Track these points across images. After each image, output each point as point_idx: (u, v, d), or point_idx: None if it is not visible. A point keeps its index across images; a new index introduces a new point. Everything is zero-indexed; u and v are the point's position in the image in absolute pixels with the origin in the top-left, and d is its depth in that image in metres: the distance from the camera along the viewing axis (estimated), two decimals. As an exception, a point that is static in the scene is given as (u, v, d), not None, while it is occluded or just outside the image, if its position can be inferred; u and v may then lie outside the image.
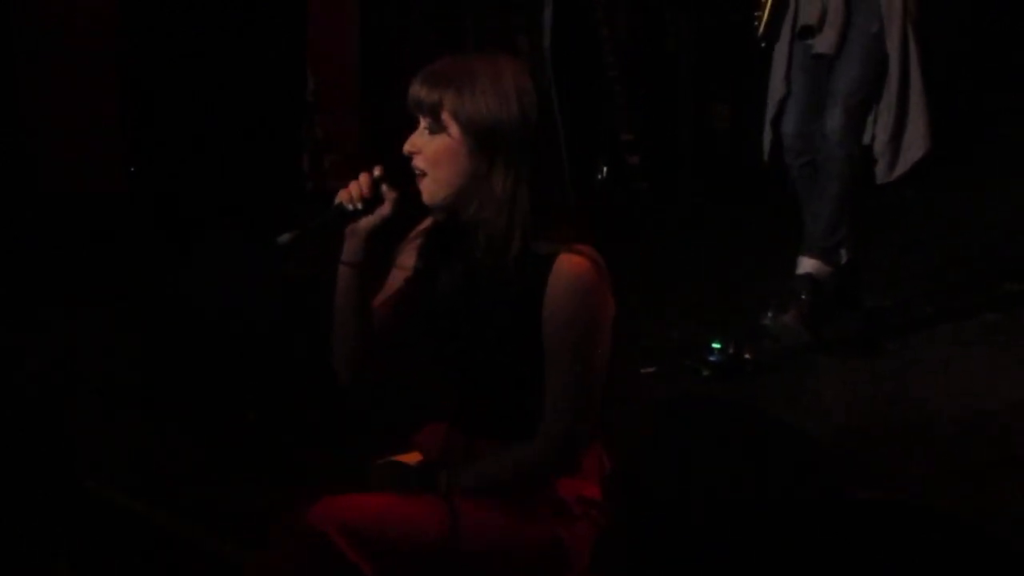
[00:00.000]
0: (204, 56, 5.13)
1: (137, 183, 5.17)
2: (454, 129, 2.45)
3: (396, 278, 2.62)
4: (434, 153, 2.46)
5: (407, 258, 2.62)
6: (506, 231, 2.45)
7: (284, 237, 2.45)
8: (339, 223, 2.50)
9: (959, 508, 3.28)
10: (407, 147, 2.49)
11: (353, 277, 2.53)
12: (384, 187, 2.48)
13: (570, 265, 2.43)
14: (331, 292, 2.61)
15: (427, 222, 2.61)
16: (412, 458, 2.64)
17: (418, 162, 2.47)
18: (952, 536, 2.99)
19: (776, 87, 4.51)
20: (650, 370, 4.24)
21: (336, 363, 2.61)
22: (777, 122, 4.54)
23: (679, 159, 5.99)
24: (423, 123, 2.48)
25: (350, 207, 2.48)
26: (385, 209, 2.49)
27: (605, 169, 5.18)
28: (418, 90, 2.46)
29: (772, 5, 4.41)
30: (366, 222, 2.50)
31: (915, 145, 4.33)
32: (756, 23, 4.48)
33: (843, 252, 4.63)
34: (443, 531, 2.41)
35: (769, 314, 4.58)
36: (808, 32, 4.37)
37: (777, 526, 3.10)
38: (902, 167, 4.34)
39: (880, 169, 4.35)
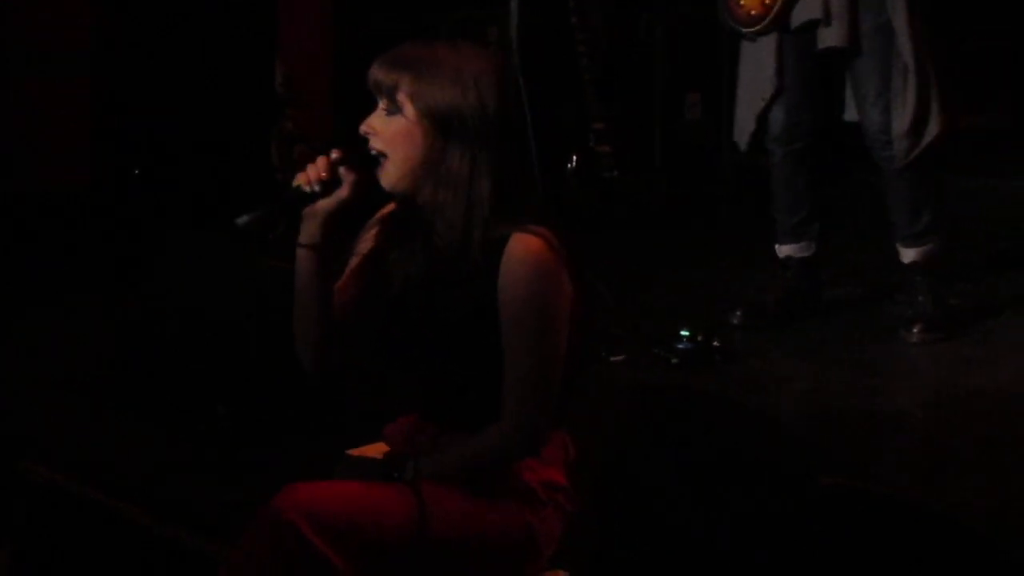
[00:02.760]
0: (172, 47, 5.14)
1: (104, 176, 5.18)
2: (410, 110, 2.46)
3: (356, 264, 2.62)
4: (391, 134, 2.47)
5: (367, 244, 2.62)
6: (464, 215, 2.46)
7: (242, 219, 2.45)
8: (297, 205, 2.50)
9: (925, 495, 3.32)
10: (363, 127, 2.50)
11: (311, 259, 2.53)
12: (342, 170, 2.48)
13: (523, 244, 2.43)
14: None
15: (387, 208, 2.61)
16: (379, 450, 2.66)
17: (374, 143, 2.48)
18: (917, 522, 3.02)
19: (765, 80, 4.46)
20: (620, 358, 4.25)
21: (299, 349, 2.60)
22: (764, 116, 4.52)
23: (651, 148, 6.01)
24: (381, 105, 2.49)
25: (307, 189, 2.48)
26: (343, 192, 2.49)
27: (575, 158, 5.18)
28: (377, 71, 2.48)
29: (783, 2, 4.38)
30: (324, 204, 2.49)
31: (931, 126, 4.33)
32: (750, 13, 4.42)
33: (810, 245, 4.67)
34: (411, 518, 2.41)
35: (738, 313, 4.59)
36: (811, 26, 4.35)
37: (745, 512, 3.13)
38: (919, 149, 4.34)
39: (899, 152, 4.35)
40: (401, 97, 2.45)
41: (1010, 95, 7.11)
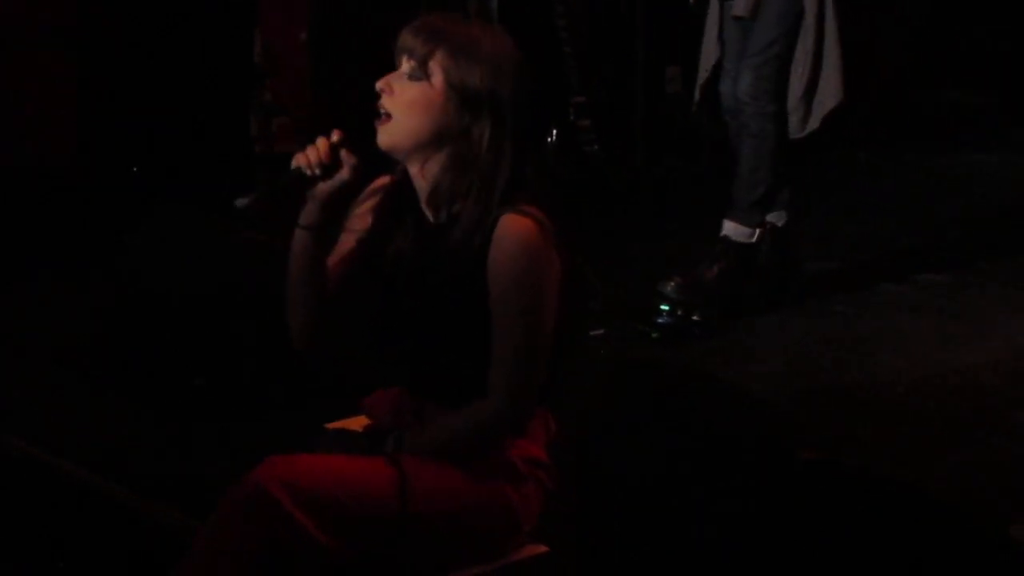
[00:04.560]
0: (152, 19, 5.16)
1: (89, 157, 5.20)
2: (439, 81, 2.46)
3: (348, 239, 2.62)
4: (411, 98, 2.46)
5: (358, 219, 2.62)
6: (479, 196, 2.46)
7: (242, 201, 2.45)
8: (297, 187, 2.50)
9: (903, 470, 3.34)
10: (380, 83, 2.48)
11: (308, 240, 2.53)
12: (343, 152, 2.48)
13: (514, 224, 2.45)
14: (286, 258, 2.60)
15: (378, 181, 2.61)
16: (360, 423, 2.67)
17: (387, 103, 2.48)
18: (895, 497, 3.06)
19: (709, 51, 4.54)
20: (599, 333, 4.25)
21: (292, 328, 2.61)
22: (709, 85, 4.56)
23: (632, 122, 6.02)
24: (405, 66, 2.48)
25: (308, 172, 2.47)
26: (344, 174, 2.48)
27: (555, 132, 5.18)
28: (411, 38, 2.47)
29: None
30: (324, 187, 2.49)
31: (828, 98, 4.35)
32: None
33: (782, 214, 4.64)
34: (393, 492, 2.42)
35: (671, 284, 4.51)
36: None
37: (724, 488, 3.15)
38: (814, 122, 4.38)
39: (792, 124, 4.38)
40: (433, 66, 2.45)
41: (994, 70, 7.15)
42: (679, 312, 4.24)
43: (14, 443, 3.52)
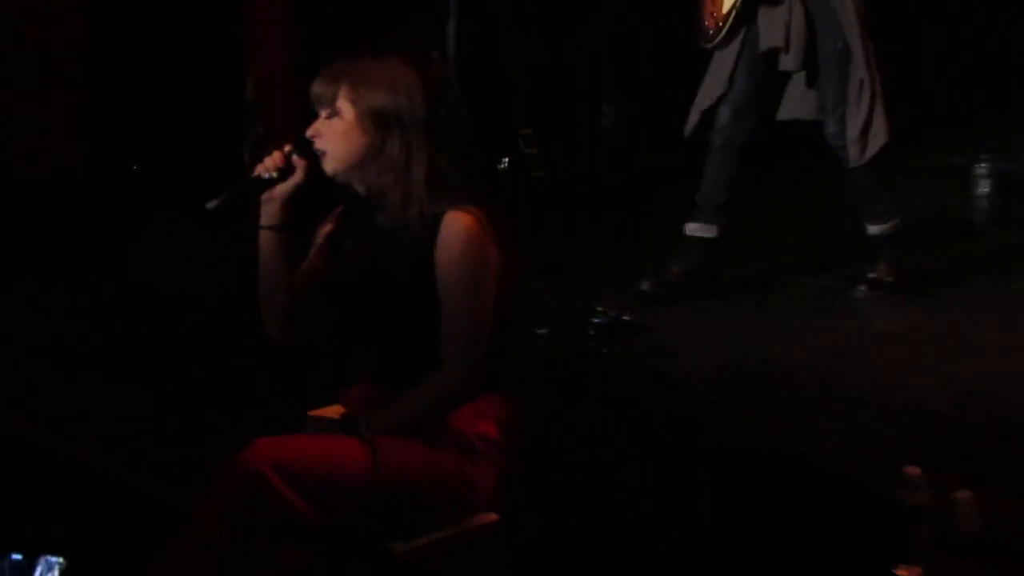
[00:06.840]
0: (158, 62, 5.52)
1: (97, 173, 5.49)
2: (349, 113, 2.74)
3: (315, 254, 2.90)
4: (332, 134, 2.76)
5: (323, 237, 2.91)
6: (403, 194, 2.74)
7: (212, 203, 2.72)
8: (258, 190, 2.80)
9: (815, 450, 3.53)
10: (309, 132, 2.78)
11: (274, 240, 2.80)
12: (294, 158, 2.77)
13: (456, 220, 2.71)
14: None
15: (339, 208, 2.90)
16: (337, 411, 2.89)
17: (318, 144, 2.77)
18: (807, 475, 3.33)
19: (718, 84, 4.90)
20: (544, 331, 4.49)
21: (265, 321, 2.85)
22: (711, 112, 4.96)
23: (575, 150, 6.45)
24: (323, 113, 2.77)
25: (266, 176, 2.78)
26: (297, 176, 2.77)
27: (507, 160, 5.42)
28: (317, 86, 2.78)
29: (734, 21, 4.86)
30: (281, 188, 2.78)
31: (879, 134, 4.79)
32: (709, 31, 4.92)
33: (717, 228, 5.04)
34: (366, 467, 2.62)
35: (647, 283, 4.98)
36: (775, 51, 4.83)
37: (655, 469, 3.42)
38: (870, 153, 4.82)
39: (852, 154, 4.79)
40: (340, 103, 2.74)
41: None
42: (611, 313, 4.52)
43: (6, 420, 3.65)
